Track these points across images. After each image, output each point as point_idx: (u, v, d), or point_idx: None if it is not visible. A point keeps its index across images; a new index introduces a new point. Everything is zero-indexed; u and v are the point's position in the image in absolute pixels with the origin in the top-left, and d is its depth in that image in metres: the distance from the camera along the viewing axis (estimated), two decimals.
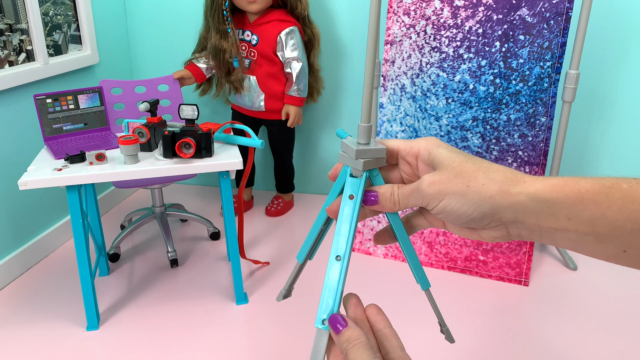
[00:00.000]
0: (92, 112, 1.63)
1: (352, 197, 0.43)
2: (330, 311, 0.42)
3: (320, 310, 0.42)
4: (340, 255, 0.43)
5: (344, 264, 0.43)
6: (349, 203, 0.43)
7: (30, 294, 1.69)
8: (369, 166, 0.44)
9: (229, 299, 1.63)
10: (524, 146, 1.68)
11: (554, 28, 1.55)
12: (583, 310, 1.56)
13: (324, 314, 0.41)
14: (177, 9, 2.26)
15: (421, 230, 1.83)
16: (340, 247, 0.43)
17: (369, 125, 0.44)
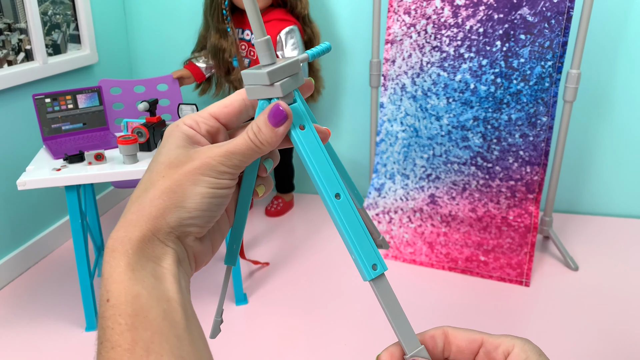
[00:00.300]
0: (91, 111, 1.62)
1: (302, 127, 0.36)
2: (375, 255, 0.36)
3: (362, 263, 0.35)
4: (338, 192, 0.36)
5: (348, 199, 0.36)
6: (305, 134, 0.36)
7: (29, 294, 1.68)
8: (289, 87, 0.36)
9: (228, 299, 1.62)
10: (525, 146, 1.67)
11: (555, 27, 1.55)
12: (584, 311, 1.55)
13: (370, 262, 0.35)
14: (177, 8, 2.26)
15: (422, 231, 1.82)
16: (330, 184, 0.36)
17: (265, 38, 0.35)
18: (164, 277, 0.32)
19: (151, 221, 0.32)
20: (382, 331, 1.47)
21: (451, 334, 0.37)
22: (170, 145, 0.35)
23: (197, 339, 0.31)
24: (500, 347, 0.35)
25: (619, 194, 2.11)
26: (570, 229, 2.02)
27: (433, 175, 1.81)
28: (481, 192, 1.76)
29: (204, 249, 0.37)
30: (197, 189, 0.33)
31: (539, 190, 1.71)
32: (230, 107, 0.37)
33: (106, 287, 0.31)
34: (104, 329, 0.30)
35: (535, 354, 0.34)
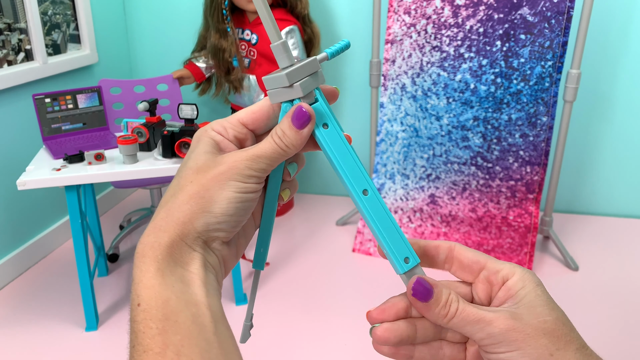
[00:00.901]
0: (91, 111, 1.62)
1: (326, 126, 0.36)
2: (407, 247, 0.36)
3: (394, 257, 0.36)
4: (365, 188, 0.36)
5: (376, 194, 0.36)
6: (329, 133, 0.36)
7: (29, 294, 1.68)
8: (310, 87, 0.36)
9: (228, 299, 1.62)
10: (525, 146, 1.67)
11: (555, 27, 1.55)
12: (584, 311, 1.55)
13: (402, 256, 0.36)
14: (177, 8, 2.26)
15: (422, 231, 1.82)
16: (358, 180, 0.36)
17: (282, 42, 0.35)
18: (192, 282, 0.33)
19: (179, 226, 0.33)
20: None
21: (457, 250, 0.37)
22: (198, 150, 0.35)
23: (226, 342, 0.32)
24: (501, 273, 0.35)
25: (619, 193, 2.11)
26: (570, 229, 2.02)
27: (433, 175, 1.81)
28: (481, 192, 1.76)
29: (231, 253, 0.37)
30: (225, 194, 0.34)
31: (539, 190, 1.71)
32: (258, 112, 0.37)
33: (137, 291, 0.31)
34: (136, 333, 0.30)
35: (533, 283, 0.34)
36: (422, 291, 0.34)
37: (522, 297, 0.34)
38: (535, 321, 0.33)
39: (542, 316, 0.33)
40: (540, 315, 0.33)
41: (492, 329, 0.33)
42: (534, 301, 0.34)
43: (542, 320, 0.33)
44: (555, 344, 0.32)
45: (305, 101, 0.36)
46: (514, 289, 0.34)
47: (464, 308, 0.34)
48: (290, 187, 0.40)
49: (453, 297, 0.35)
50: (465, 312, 0.34)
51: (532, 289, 0.34)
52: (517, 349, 0.32)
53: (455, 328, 0.34)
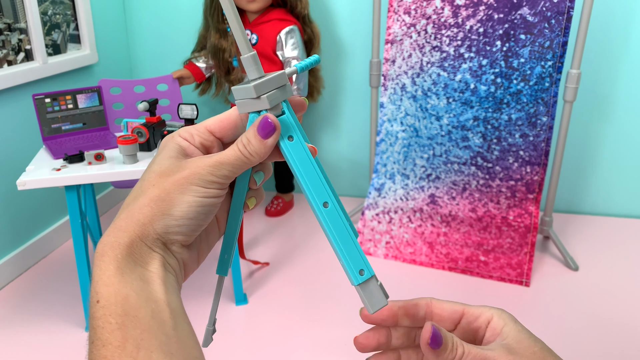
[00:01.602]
0: (91, 111, 1.62)
1: (291, 138, 0.37)
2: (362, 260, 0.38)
3: (350, 269, 0.38)
4: (326, 200, 0.37)
5: (336, 207, 0.38)
6: (293, 145, 0.37)
7: (29, 294, 1.68)
8: (277, 99, 0.37)
9: (228, 299, 1.62)
10: (525, 146, 1.67)
11: (555, 27, 1.55)
12: (584, 311, 1.55)
13: (357, 268, 0.37)
14: (176, 8, 2.26)
15: (422, 231, 1.82)
16: (319, 193, 0.37)
17: (252, 54, 0.36)
18: (151, 280, 0.33)
19: (139, 227, 0.34)
20: None
21: (435, 304, 0.40)
22: (163, 155, 0.36)
23: (186, 338, 0.32)
24: (481, 317, 0.39)
25: (619, 193, 2.11)
26: (570, 229, 2.02)
27: (433, 175, 1.81)
28: (481, 192, 1.76)
29: (191, 258, 0.38)
30: (185, 198, 0.34)
31: (539, 190, 1.71)
32: (225, 121, 0.39)
33: (96, 289, 0.32)
34: (95, 329, 0.31)
35: (511, 321, 0.38)
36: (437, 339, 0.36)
37: (507, 333, 0.37)
38: (527, 353, 0.36)
39: (531, 348, 0.36)
40: (528, 347, 0.36)
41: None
42: (518, 336, 0.37)
43: (532, 351, 0.36)
44: None
45: (272, 113, 0.37)
46: (498, 328, 0.38)
47: (470, 350, 0.36)
48: (256, 196, 0.41)
49: (457, 341, 0.37)
50: (471, 354, 0.36)
51: (513, 326, 0.38)
52: None
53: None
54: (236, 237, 0.41)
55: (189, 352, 0.32)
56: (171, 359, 0.30)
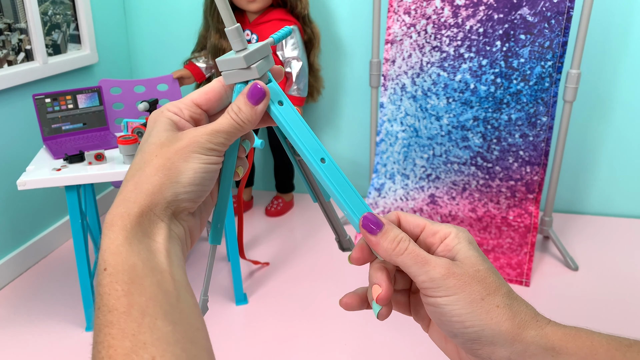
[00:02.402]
0: (91, 111, 1.62)
1: (281, 103, 0.39)
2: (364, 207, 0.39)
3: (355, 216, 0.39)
4: (322, 157, 0.39)
5: (332, 162, 0.39)
6: (284, 109, 0.39)
7: (29, 294, 1.68)
8: (264, 68, 0.39)
9: (228, 299, 1.62)
10: (525, 146, 1.67)
11: (555, 27, 1.55)
12: (584, 311, 1.55)
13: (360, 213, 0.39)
14: (177, 8, 2.26)
15: None
16: (315, 151, 0.39)
17: (236, 26, 0.37)
18: (157, 252, 0.34)
19: (149, 197, 0.34)
20: (382, 331, 1.47)
21: (402, 217, 0.40)
22: (158, 129, 0.37)
23: (189, 309, 0.33)
24: (439, 233, 0.39)
25: (619, 194, 2.11)
26: (570, 229, 2.02)
27: (433, 175, 1.81)
28: (481, 192, 1.76)
29: (196, 224, 0.39)
30: (190, 165, 0.35)
31: (538, 190, 1.71)
32: (211, 93, 0.40)
33: (104, 257, 0.32)
34: (102, 295, 0.31)
35: (466, 240, 0.38)
36: (371, 224, 0.38)
37: (458, 250, 0.37)
38: (470, 270, 0.36)
39: (476, 266, 0.36)
40: (474, 265, 0.36)
41: (434, 273, 0.36)
42: (467, 253, 0.37)
43: (475, 269, 0.36)
44: (487, 289, 0.36)
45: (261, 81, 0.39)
46: (451, 245, 0.38)
47: (414, 249, 0.37)
48: (242, 165, 0.42)
49: (403, 237, 0.37)
50: (414, 252, 0.37)
51: (465, 245, 0.38)
52: (454, 294, 0.35)
53: (402, 266, 0.37)
54: (227, 206, 0.43)
55: (191, 322, 0.32)
56: (174, 327, 0.31)
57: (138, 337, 0.29)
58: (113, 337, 0.30)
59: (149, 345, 0.29)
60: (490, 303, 0.35)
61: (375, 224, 0.38)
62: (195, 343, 0.32)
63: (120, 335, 0.30)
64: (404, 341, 1.42)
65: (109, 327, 0.30)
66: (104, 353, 0.29)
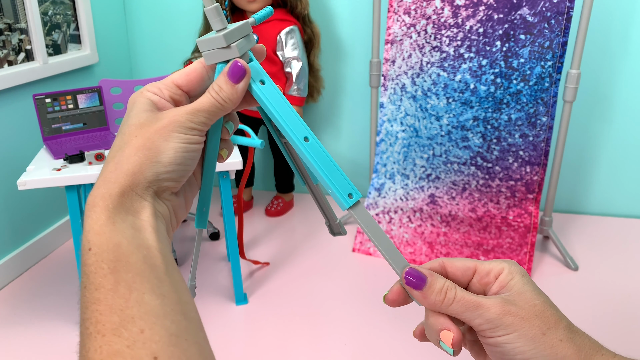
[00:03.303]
0: (92, 111, 1.62)
1: (262, 82, 0.39)
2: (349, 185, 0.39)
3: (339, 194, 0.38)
4: (306, 135, 0.39)
5: (316, 140, 0.39)
6: (266, 88, 0.38)
7: (30, 294, 1.69)
8: (245, 47, 0.38)
9: (228, 299, 1.62)
10: (524, 146, 1.68)
11: (555, 27, 1.55)
12: (584, 311, 1.55)
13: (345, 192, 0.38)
14: (177, 8, 2.26)
15: (422, 231, 1.83)
16: (298, 129, 0.38)
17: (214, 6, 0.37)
18: (142, 228, 0.34)
19: (129, 177, 0.34)
20: (382, 331, 1.47)
21: (447, 264, 0.40)
22: (137, 109, 0.37)
23: (177, 282, 0.33)
24: (492, 272, 0.38)
25: (618, 194, 2.11)
26: (570, 229, 2.02)
27: (433, 175, 1.81)
28: (481, 192, 1.76)
29: (180, 204, 0.39)
30: (170, 144, 0.35)
31: (538, 190, 1.71)
32: (192, 74, 0.39)
33: (88, 238, 0.32)
34: (87, 274, 0.31)
35: (519, 274, 0.37)
36: (415, 279, 0.37)
37: (512, 286, 0.37)
38: (526, 305, 0.35)
39: (532, 300, 0.36)
40: (530, 300, 0.36)
41: (489, 314, 0.35)
42: (522, 288, 0.36)
43: (532, 304, 0.35)
44: (546, 323, 0.35)
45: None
46: (505, 281, 0.37)
47: (462, 295, 0.36)
48: (226, 147, 0.42)
49: (449, 285, 0.37)
50: (464, 299, 0.36)
51: (519, 279, 0.37)
52: (514, 331, 0.34)
53: (455, 314, 0.36)
54: (211, 188, 0.42)
55: (180, 296, 0.32)
56: (163, 300, 0.31)
57: (126, 312, 0.29)
58: (101, 313, 0.30)
59: (137, 319, 0.29)
60: (553, 337, 0.34)
61: (419, 279, 0.37)
62: (185, 315, 0.31)
63: (108, 311, 0.30)
64: (404, 341, 1.42)
65: (96, 304, 0.30)
66: (92, 329, 0.30)
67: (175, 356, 0.29)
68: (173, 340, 0.29)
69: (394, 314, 1.53)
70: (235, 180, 2.27)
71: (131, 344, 0.29)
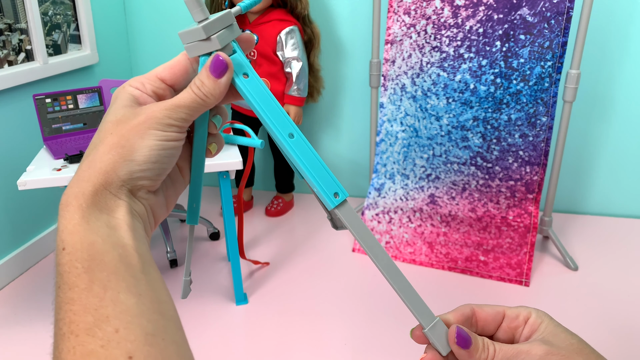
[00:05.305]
0: (92, 112, 1.62)
1: (246, 75, 0.37)
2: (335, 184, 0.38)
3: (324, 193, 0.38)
4: (291, 132, 0.37)
5: (301, 137, 0.38)
6: (250, 82, 0.37)
7: (30, 294, 1.69)
8: (226, 39, 0.37)
9: (228, 299, 1.62)
10: (524, 146, 1.68)
11: (555, 28, 1.55)
12: (584, 311, 1.55)
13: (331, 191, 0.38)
14: (177, 8, 2.26)
15: (422, 231, 1.83)
16: (283, 125, 0.37)
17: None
18: (118, 227, 0.33)
19: (102, 175, 0.33)
20: (382, 331, 1.47)
21: (477, 310, 0.42)
22: (117, 105, 0.36)
23: (154, 282, 0.32)
24: (520, 316, 0.40)
25: (618, 194, 2.11)
26: (570, 229, 2.02)
27: (433, 175, 1.81)
28: (481, 192, 1.76)
29: (158, 203, 0.38)
30: (145, 142, 0.34)
31: (538, 190, 1.71)
32: (176, 67, 0.38)
33: (61, 237, 0.32)
34: (61, 274, 0.31)
35: (548, 317, 0.40)
36: (464, 339, 0.39)
37: (544, 329, 0.39)
38: (564, 344, 0.37)
39: (568, 340, 0.38)
40: (565, 339, 0.38)
41: (531, 358, 0.36)
42: (555, 330, 0.39)
43: (569, 343, 0.38)
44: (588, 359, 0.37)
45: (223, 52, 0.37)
46: (536, 324, 0.39)
47: (501, 347, 0.38)
48: (216, 142, 0.41)
49: (488, 341, 0.39)
50: (503, 350, 0.38)
51: (549, 321, 0.39)
52: None
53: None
54: (201, 184, 0.41)
55: (157, 294, 0.32)
56: (139, 299, 0.30)
57: (100, 311, 0.29)
58: (75, 313, 0.29)
59: (111, 318, 0.29)
60: None
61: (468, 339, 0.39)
62: (162, 314, 0.31)
63: (82, 310, 0.29)
64: (404, 341, 1.42)
65: (70, 303, 0.29)
66: (65, 329, 0.29)
67: (152, 356, 0.29)
68: (149, 340, 0.29)
69: (394, 314, 1.53)
70: (235, 180, 2.27)
71: (105, 344, 0.28)
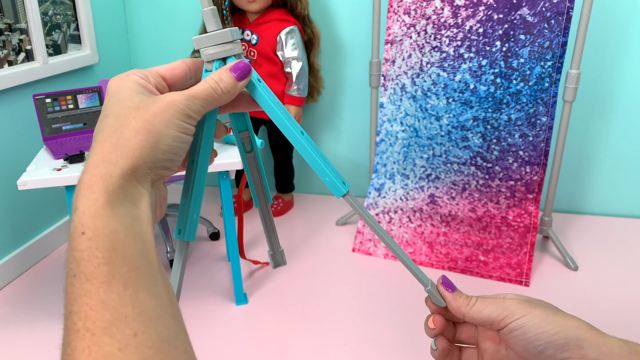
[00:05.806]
0: (92, 111, 1.62)
1: (259, 81, 0.41)
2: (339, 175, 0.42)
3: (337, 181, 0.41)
4: (301, 130, 0.41)
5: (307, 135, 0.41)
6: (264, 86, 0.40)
7: (30, 294, 1.69)
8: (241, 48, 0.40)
9: (228, 299, 1.62)
10: (524, 146, 1.68)
11: (555, 27, 1.55)
12: (584, 311, 1.55)
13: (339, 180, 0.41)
14: (177, 8, 2.26)
15: (422, 231, 1.83)
16: (295, 125, 0.40)
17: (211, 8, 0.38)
18: (140, 219, 0.32)
19: (131, 160, 0.32)
20: (382, 331, 1.47)
21: None
22: (129, 92, 0.35)
23: (168, 283, 0.32)
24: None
25: (618, 193, 2.11)
26: (570, 229, 2.02)
27: (433, 175, 1.81)
28: (481, 192, 1.76)
29: (165, 195, 0.38)
30: (170, 132, 0.34)
31: (538, 190, 1.71)
32: (177, 69, 0.39)
33: (81, 220, 0.30)
34: (78, 261, 0.29)
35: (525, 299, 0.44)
36: (449, 283, 0.44)
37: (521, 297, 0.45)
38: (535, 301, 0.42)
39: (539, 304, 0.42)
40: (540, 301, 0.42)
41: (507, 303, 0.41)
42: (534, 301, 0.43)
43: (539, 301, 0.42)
44: (557, 310, 0.41)
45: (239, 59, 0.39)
46: None
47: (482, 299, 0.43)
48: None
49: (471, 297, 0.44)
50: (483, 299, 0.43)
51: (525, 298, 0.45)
52: (530, 312, 0.40)
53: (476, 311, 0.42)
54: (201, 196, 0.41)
55: (170, 298, 0.31)
56: (157, 301, 0.29)
57: (119, 310, 0.27)
58: (91, 308, 0.27)
59: (130, 319, 0.27)
60: (566, 316, 0.40)
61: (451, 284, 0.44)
62: (175, 319, 0.30)
63: (100, 306, 0.27)
64: (403, 341, 1.42)
65: (87, 296, 0.28)
66: (80, 325, 0.27)
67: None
68: (165, 347, 0.28)
69: (394, 314, 1.53)
70: (235, 180, 2.27)
71: (123, 347, 0.27)
